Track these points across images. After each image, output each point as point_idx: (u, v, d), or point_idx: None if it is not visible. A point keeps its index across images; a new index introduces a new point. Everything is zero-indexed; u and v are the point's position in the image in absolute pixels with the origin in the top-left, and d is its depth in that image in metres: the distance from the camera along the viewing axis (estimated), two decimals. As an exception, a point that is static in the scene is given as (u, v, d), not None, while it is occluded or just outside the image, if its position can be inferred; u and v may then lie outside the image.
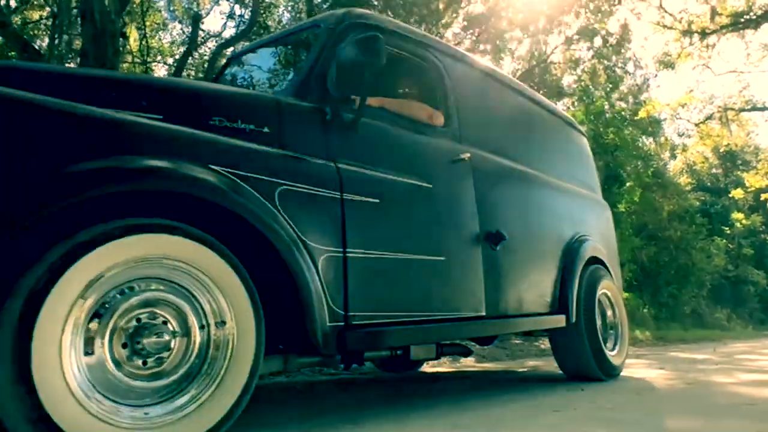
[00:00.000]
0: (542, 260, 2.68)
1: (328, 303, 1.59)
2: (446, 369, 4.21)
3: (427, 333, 1.89)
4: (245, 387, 1.34)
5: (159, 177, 1.26)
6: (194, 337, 1.32)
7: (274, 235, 1.45)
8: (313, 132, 1.76)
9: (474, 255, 2.21)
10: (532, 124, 3.11)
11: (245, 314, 1.38)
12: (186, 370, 1.30)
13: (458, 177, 2.25)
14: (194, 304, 1.34)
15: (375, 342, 1.71)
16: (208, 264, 1.33)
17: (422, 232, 1.98)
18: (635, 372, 3.53)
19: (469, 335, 2.18)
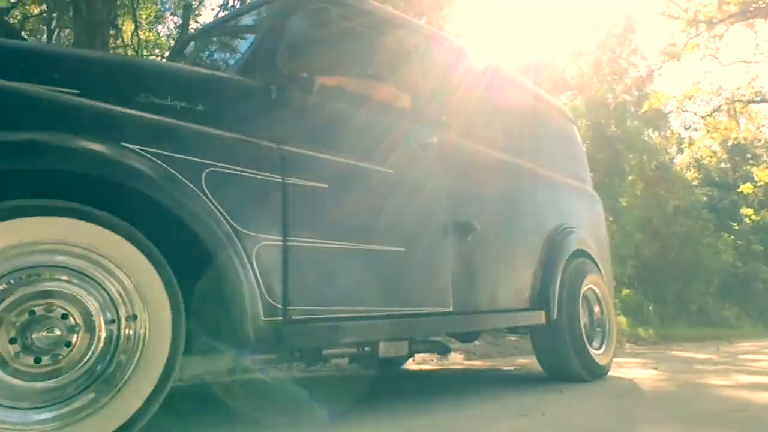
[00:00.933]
0: (521, 253, 2.52)
1: (264, 296, 1.45)
2: (432, 366, 4.07)
3: (381, 329, 1.75)
4: (156, 390, 1.20)
5: (37, 153, 1.12)
6: (99, 332, 1.18)
7: (196, 220, 1.32)
8: (255, 111, 1.62)
9: (440, 246, 2.06)
10: (514, 109, 2.94)
11: (160, 307, 1.24)
12: (87, 369, 1.16)
13: (425, 163, 2.10)
14: (103, 296, 1.20)
15: (318, 338, 1.57)
16: (117, 251, 1.20)
17: (380, 220, 1.83)
18: (626, 372, 3.37)
19: (433, 332, 2.04)
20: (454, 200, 2.18)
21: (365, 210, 1.79)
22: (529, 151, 2.89)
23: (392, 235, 1.86)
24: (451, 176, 2.20)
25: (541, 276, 2.62)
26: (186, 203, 1.31)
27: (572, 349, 2.64)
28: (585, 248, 2.99)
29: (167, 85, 1.48)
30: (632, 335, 10.60)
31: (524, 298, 2.50)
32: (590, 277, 2.93)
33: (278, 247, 1.51)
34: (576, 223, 3.07)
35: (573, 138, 3.59)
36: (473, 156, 2.39)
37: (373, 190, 1.84)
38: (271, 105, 1.65)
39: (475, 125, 2.52)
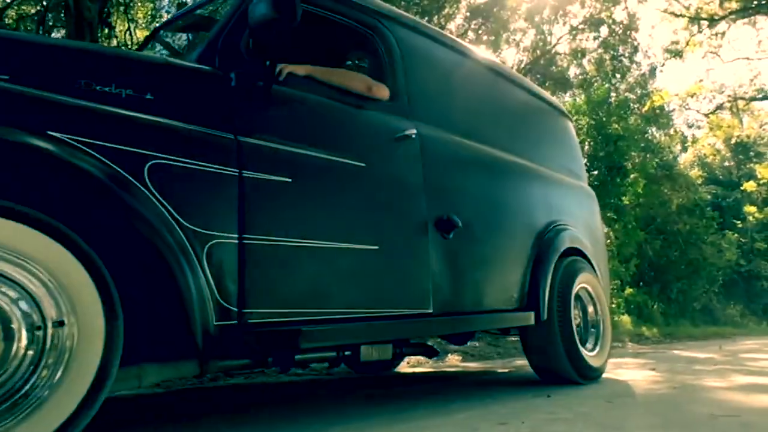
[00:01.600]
0: (508, 250, 2.41)
1: (216, 298, 1.34)
2: (425, 369, 3.95)
3: (350, 333, 1.64)
4: (81, 405, 1.09)
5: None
6: (18, 341, 1.07)
7: (135, 216, 1.21)
8: (211, 101, 1.51)
9: (418, 244, 1.95)
10: (504, 103, 2.83)
11: (92, 312, 1.13)
12: (1, 382, 1.05)
13: (402, 156, 1.99)
14: (25, 300, 1.10)
15: (279, 344, 1.45)
16: (41, 250, 1.09)
17: (350, 217, 1.72)
18: (622, 373, 3.25)
19: (410, 335, 1.93)
20: (435, 196, 2.07)
21: (334, 206, 1.68)
22: (520, 145, 2.78)
23: (364, 233, 1.75)
24: (432, 170, 2.09)
25: (531, 275, 2.50)
26: (124, 198, 1.20)
27: (563, 351, 2.52)
28: (578, 246, 2.87)
29: (112, 72, 1.37)
30: (636, 334, 10.47)
31: (512, 298, 2.38)
32: (583, 276, 2.81)
33: (233, 246, 1.40)
34: (569, 220, 2.95)
35: (568, 133, 3.47)
36: (457, 150, 2.27)
37: (343, 184, 1.73)
38: (230, 94, 1.54)
39: (460, 118, 2.41)
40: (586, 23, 14.51)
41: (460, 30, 13.01)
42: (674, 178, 14.24)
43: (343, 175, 1.73)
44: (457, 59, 2.55)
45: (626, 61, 14.97)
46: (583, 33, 14.64)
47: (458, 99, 2.46)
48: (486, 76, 2.74)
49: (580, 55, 14.82)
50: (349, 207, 1.72)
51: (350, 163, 1.76)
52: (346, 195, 1.73)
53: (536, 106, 3.14)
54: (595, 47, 14.83)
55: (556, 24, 14.76)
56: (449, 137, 2.26)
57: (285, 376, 3.58)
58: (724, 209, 18.37)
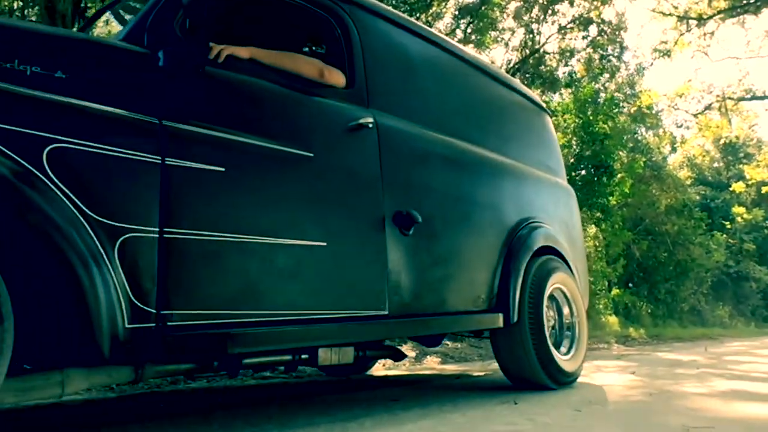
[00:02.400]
0: (475, 249, 2.28)
1: (130, 298, 1.20)
2: (399, 372, 3.83)
3: (290, 336, 1.50)
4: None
5: None
6: None
7: (28, 205, 1.07)
8: (135, 81, 1.37)
9: (373, 241, 1.82)
10: (475, 95, 2.71)
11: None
12: None
13: (357, 147, 1.86)
14: None
15: (205, 348, 1.32)
16: None
17: (292, 210, 1.59)
18: (600, 377, 3.13)
19: (361, 338, 1.79)
20: (394, 189, 1.94)
21: (274, 198, 1.54)
22: (492, 139, 2.66)
23: (310, 228, 1.61)
24: (392, 162, 1.96)
25: (501, 274, 2.38)
26: (16, 186, 1.06)
27: (534, 354, 2.40)
28: (553, 245, 2.75)
29: (15, 47, 1.23)
30: (622, 335, 10.41)
31: (480, 299, 2.26)
32: (558, 276, 2.69)
33: (153, 241, 1.27)
34: (544, 218, 2.83)
35: (545, 128, 3.36)
36: (420, 141, 2.14)
37: (286, 175, 1.59)
38: (156, 75, 1.40)
39: (425, 108, 2.28)
40: (575, 22, 14.48)
41: (448, 29, 12.90)
42: (663, 178, 14.23)
43: (286, 166, 1.60)
44: (424, 47, 2.42)
45: (615, 61, 14.95)
46: (572, 32, 14.61)
47: (423, 88, 2.34)
48: (456, 66, 2.61)
49: (569, 55, 14.78)
50: (292, 200, 1.59)
51: (295, 152, 1.63)
52: (290, 187, 1.59)
53: (511, 99, 3.02)
54: (584, 47, 14.80)
55: (545, 23, 14.71)
56: (412, 128, 2.13)
57: (252, 379, 3.44)
58: (713, 210, 18.42)
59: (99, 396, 2.55)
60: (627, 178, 9.14)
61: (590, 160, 8.91)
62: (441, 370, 3.96)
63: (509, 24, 14.66)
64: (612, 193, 9.33)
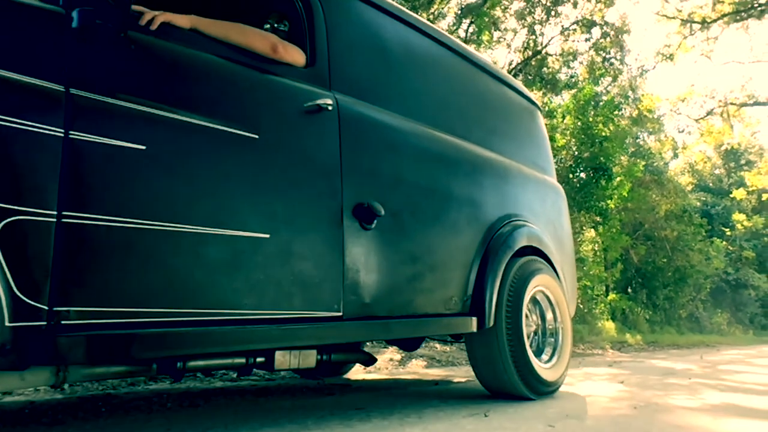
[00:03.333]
0: (448, 246, 2.10)
1: (13, 292, 1.03)
2: (379, 376, 3.65)
3: (216, 339, 1.32)
4: None
5: None
6: None
7: None
8: (39, 43, 1.20)
9: (327, 234, 1.64)
10: (457, 84, 2.53)
11: None
12: None
13: (312, 130, 1.68)
14: None
15: (106, 351, 1.14)
16: None
17: (228, 196, 1.41)
18: (585, 387, 2.95)
19: (309, 341, 1.61)
20: (355, 179, 1.76)
21: (206, 182, 1.37)
22: (473, 130, 2.48)
23: (250, 218, 1.44)
24: (354, 149, 1.79)
25: (477, 275, 2.20)
26: None
27: (512, 362, 2.22)
28: (537, 245, 2.58)
29: None
30: (618, 341, 10.23)
31: (451, 301, 2.08)
32: (541, 278, 2.51)
33: (47, 225, 1.09)
34: (529, 216, 2.66)
35: (534, 123, 3.18)
36: (388, 128, 1.97)
37: (223, 158, 1.42)
38: (68, 37, 1.23)
39: (396, 93, 2.11)
40: (578, 24, 14.32)
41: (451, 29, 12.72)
42: (663, 183, 14.06)
43: (223, 147, 1.42)
44: (401, 30, 2.25)
45: (617, 64, 14.76)
46: (574, 34, 14.45)
47: (397, 73, 2.16)
48: (437, 53, 2.43)
49: (572, 58, 14.61)
50: (229, 185, 1.41)
51: (235, 132, 1.45)
52: (227, 170, 1.42)
53: (498, 92, 2.84)
54: (587, 49, 14.64)
55: (548, 24, 14.53)
56: (380, 114, 1.95)
57: (219, 381, 3.26)
58: (713, 217, 18.24)
59: (41, 398, 2.37)
60: (626, 181, 8.95)
61: (589, 162, 8.73)
62: (423, 374, 3.78)
63: (512, 25, 14.50)
64: (610, 197, 9.14)
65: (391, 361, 4.72)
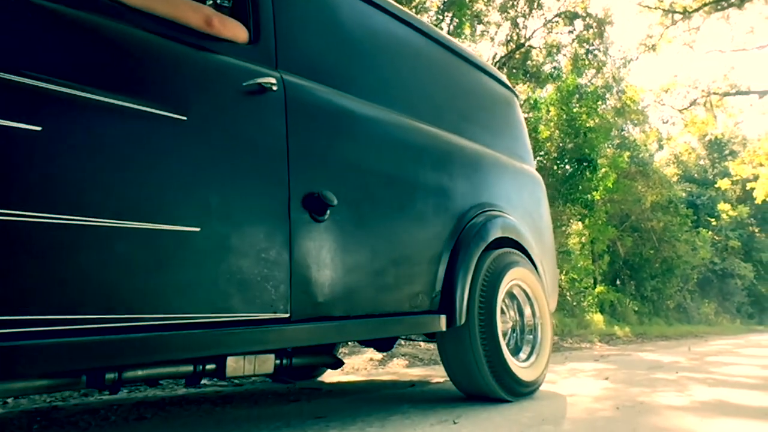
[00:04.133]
0: (413, 238, 1.94)
1: None
2: (356, 378, 3.49)
3: (124, 349, 1.15)
4: None
5: None
6: None
7: None
8: None
9: (271, 227, 1.47)
10: (425, 67, 2.37)
11: None
12: None
13: (254, 112, 1.51)
14: None
15: (6, 363, 0.96)
16: None
17: (146, 184, 1.23)
18: (568, 385, 2.82)
19: (250, 346, 1.44)
20: (305, 166, 1.60)
21: (119, 169, 1.19)
22: (445, 117, 2.33)
23: (174, 209, 1.27)
24: (303, 133, 1.62)
25: (446, 269, 2.05)
26: None
27: (486, 362, 2.07)
28: (513, 236, 2.43)
29: None
30: (607, 334, 10.17)
31: (419, 298, 1.92)
32: (517, 271, 2.37)
33: None
34: (505, 206, 2.51)
35: (511, 110, 3.04)
36: (344, 110, 1.80)
37: (141, 142, 1.24)
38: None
39: (354, 74, 1.94)
40: (561, 16, 14.25)
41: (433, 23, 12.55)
42: (648, 174, 14.05)
43: (142, 130, 1.24)
44: (358, 5, 2.08)
45: (601, 56, 14.71)
46: (557, 26, 14.37)
47: (357, 54, 2.00)
48: (401, 31, 2.27)
49: (556, 50, 14.52)
50: (148, 172, 1.24)
51: (158, 114, 1.28)
52: (145, 156, 1.24)
53: (470, 76, 2.69)
54: (570, 41, 14.56)
55: (531, 18, 14.43)
56: (334, 95, 1.79)
57: (182, 388, 3.08)
58: (699, 207, 18.33)
59: None
60: (610, 172, 8.87)
61: (573, 153, 8.63)
62: (403, 375, 3.62)
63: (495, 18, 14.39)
64: (596, 188, 9.07)
65: (371, 360, 4.56)
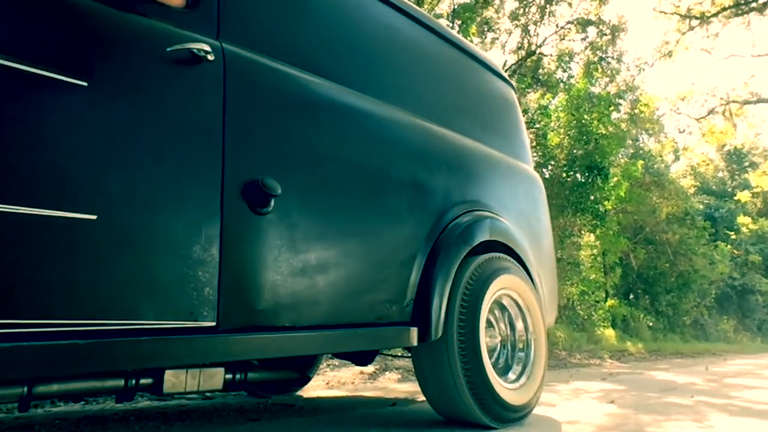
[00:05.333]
0: (380, 238, 1.69)
1: None
2: (341, 393, 3.22)
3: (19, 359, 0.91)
4: None
5: None
6: None
7: None
8: None
9: (197, 218, 1.23)
10: (403, 48, 2.13)
11: None
12: None
13: (180, 82, 1.28)
14: None
15: None
16: None
17: (30, 160, 1.00)
18: (568, 408, 2.52)
19: (157, 362, 1.19)
20: (244, 149, 1.36)
21: None
22: (424, 104, 2.08)
23: (68, 192, 1.03)
24: (244, 112, 1.38)
25: (421, 275, 1.79)
26: None
27: (465, 383, 1.80)
28: (504, 240, 2.16)
29: None
30: (618, 350, 9.75)
31: (385, 307, 1.66)
32: (507, 279, 2.09)
33: None
34: (496, 206, 2.25)
35: (507, 103, 2.78)
36: (300, 90, 1.56)
37: (27, 108, 1.01)
38: None
39: (316, 51, 1.70)
40: (573, 23, 13.98)
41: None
42: (663, 185, 13.63)
43: (27, 93, 1.01)
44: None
45: (614, 63, 14.38)
46: (569, 33, 14.10)
47: (316, 25, 1.76)
48: (376, 7, 2.04)
49: (568, 58, 14.24)
50: (36, 144, 1.00)
51: (51, 76, 1.05)
52: (38, 125, 1.01)
53: (460, 62, 2.44)
54: (583, 49, 14.28)
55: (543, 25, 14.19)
56: (288, 71, 1.55)
57: (146, 401, 2.84)
58: (717, 220, 17.77)
59: None
60: (623, 181, 8.52)
61: (583, 160, 8.31)
62: (390, 391, 3.35)
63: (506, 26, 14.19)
64: (607, 198, 8.71)
65: (361, 374, 4.29)
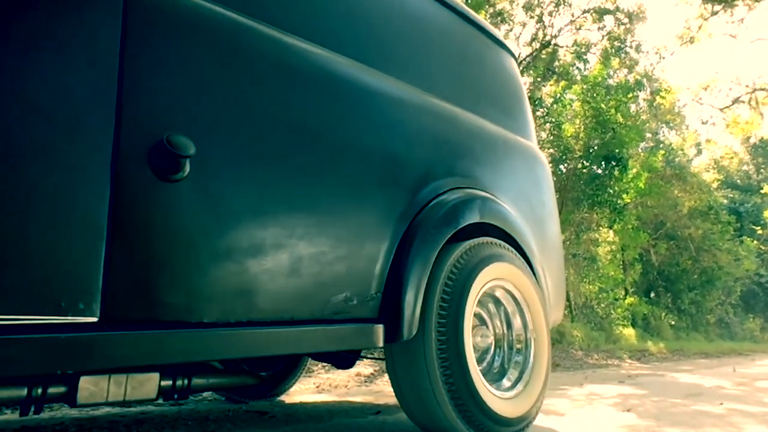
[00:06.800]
0: (337, 215, 1.39)
1: None
2: (329, 397, 2.94)
3: None
4: None
5: None
6: None
7: None
8: None
9: (79, 184, 0.95)
10: (387, 8, 1.83)
11: None
12: None
13: (58, 9, 1.00)
14: None
15: None
16: None
17: None
18: (576, 418, 2.20)
19: (20, 371, 0.91)
20: (148, 97, 1.07)
21: None
22: (398, 62, 1.78)
23: None
24: (150, 50, 1.10)
25: (392, 262, 1.48)
26: None
27: (445, 390, 1.49)
28: (498, 223, 1.85)
29: None
30: (639, 350, 9.30)
31: (343, 300, 1.36)
32: (499, 268, 1.78)
33: None
34: (490, 185, 1.94)
35: (506, 73, 2.46)
36: (230, 30, 1.27)
37: None
38: None
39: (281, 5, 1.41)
40: (589, 12, 13.50)
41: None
42: (685, 178, 13.09)
43: None
44: None
45: (633, 53, 13.84)
46: (585, 23, 13.62)
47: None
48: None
49: (584, 49, 13.75)
50: None
51: None
52: None
53: (447, 21, 2.13)
54: (600, 39, 13.78)
55: (558, 15, 13.72)
56: (219, 8, 1.26)
57: (108, 407, 2.59)
58: (742, 215, 17.09)
59: None
60: (642, 172, 8.09)
61: (600, 150, 7.90)
62: (382, 395, 3.05)
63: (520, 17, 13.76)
64: (626, 190, 8.28)
65: (357, 376, 4.00)
